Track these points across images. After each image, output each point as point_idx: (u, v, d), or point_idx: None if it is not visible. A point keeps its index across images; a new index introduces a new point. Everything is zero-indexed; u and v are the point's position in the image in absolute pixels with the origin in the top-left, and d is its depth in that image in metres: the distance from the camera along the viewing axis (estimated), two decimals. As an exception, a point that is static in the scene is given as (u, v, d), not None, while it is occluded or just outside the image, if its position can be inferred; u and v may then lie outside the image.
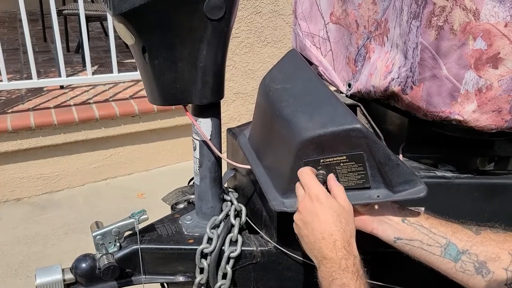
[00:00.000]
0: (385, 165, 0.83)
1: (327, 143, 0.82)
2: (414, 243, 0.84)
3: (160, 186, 2.03)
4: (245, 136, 1.09)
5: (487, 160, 1.02)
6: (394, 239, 0.86)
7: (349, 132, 0.81)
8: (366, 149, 0.82)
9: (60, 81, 3.07)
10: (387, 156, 0.83)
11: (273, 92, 0.95)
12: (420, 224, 0.84)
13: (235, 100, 3.42)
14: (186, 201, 1.21)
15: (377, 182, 0.85)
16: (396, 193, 0.85)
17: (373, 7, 1.04)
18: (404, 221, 0.85)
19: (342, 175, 0.85)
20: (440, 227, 0.83)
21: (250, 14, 3.28)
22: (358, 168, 0.84)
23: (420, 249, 0.83)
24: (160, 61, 0.90)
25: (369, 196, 0.86)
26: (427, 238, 0.83)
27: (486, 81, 0.85)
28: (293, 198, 0.87)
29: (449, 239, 0.82)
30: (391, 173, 0.84)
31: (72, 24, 4.67)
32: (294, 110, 0.88)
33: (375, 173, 0.84)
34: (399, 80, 0.95)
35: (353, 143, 0.82)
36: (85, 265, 0.98)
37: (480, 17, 0.81)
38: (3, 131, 2.69)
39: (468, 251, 0.80)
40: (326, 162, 0.84)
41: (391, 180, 0.84)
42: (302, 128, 0.83)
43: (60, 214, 2.75)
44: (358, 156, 0.83)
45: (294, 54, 1.04)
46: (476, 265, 0.79)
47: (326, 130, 0.81)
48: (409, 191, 0.85)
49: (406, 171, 0.84)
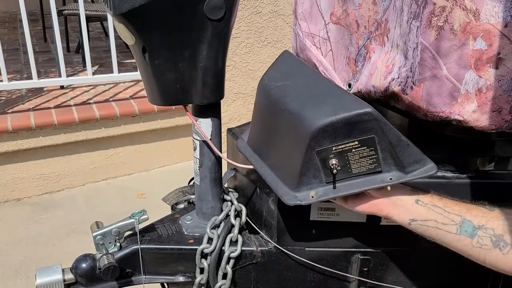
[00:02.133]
0: (396, 146, 0.84)
1: (340, 130, 0.83)
2: (429, 223, 0.84)
3: (160, 186, 2.03)
4: (243, 140, 1.09)
5: (487, 160, 1.02)
6: (409, 221, 0.86)
7: (361, 116, 0.82)
8: (378, 132, 0.83)
9: (60, 81, 3.07)
10: (397, 137, 0.84)
11: (275, 90, 0.95)
12: (434, 204, 0.85)
13: (235, 100, 3.42)
14: (186, 201, 1.21)
15: (388, 165, 0.86)
16: (408, 173, 0.86)
17: (374, 7, 1.04)
18: (418, 202, 0.86)
19: (354, 162, 0.86)
20: (454, 206, 0.84)
21: (250, 14, 3.28)
22: (370, 153, 0.85)
23: (436, 229, 0.84)
24: (160, 61, 0.90)
25: (382, 179, 0.87)
26: (441, 217, 0.83)
27: (486, 81, 0.85)
28: (305, 191, 0.88)
29: (464, 216, 0.82)
30: (402, 154, 0.85)
31: (72, 24, 4.67)
32: (300, 103, 0.88)
33: (386, 156, 0.85)
34: (399, 80, 0.95)
35: (365, 127, 0.83)
36: (85, 265, 0.98)
37: (480, 17, 0.81)
38: (4, 131, 2.69)
39: (484, 226, 0.80)
40: (339, 150, 0.84)
41: (402, 161, 0.85)
42: (312, 118, 0.84)
43: (60, 214, 2.75)
44: (369, 140, 0.84)
45: (287, 54, 1.05)
46: (493, 239, 0.79)
47: (338, 116, 0.82)
48: (420, 170, 0.86)
49: (416, 151, 0.86)
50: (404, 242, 0.97)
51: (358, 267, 1.03)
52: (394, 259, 1.04)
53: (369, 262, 1.03)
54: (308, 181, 0.88)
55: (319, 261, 1.02)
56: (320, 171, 0.87)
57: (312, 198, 0.88)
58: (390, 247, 1.02)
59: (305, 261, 1.02)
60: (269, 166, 0.97)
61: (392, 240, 1.00)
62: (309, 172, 0.87)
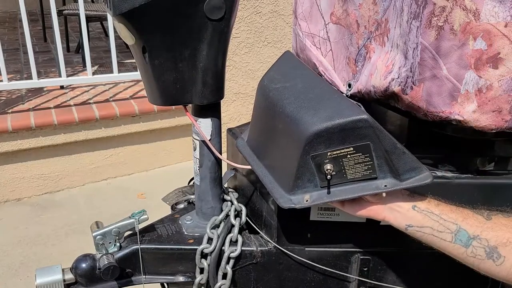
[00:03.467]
0: (391, 154, 0.84)
1: (335, 136, 0.82)
2: (425, 229, 0.85)
3: (160, 186, 2.03)
4: (243, 140, 1.09)
5: (487, 160, 1.02)
6: (405, 227, 0.86)
7: (356, 122, 0.82)
8: (373, 139, 0.83)
9: (60, 81, 3.07)
10: (393, 145, 0.84)
11: (273, 92, 0.95)
12: (430, 211, 0.85)
13: (235, 100, 3.42)
14: (186, 201, 1.21)
15: (383, 172, 0.86)
16: (403, 181, 0.86)
17: (374, 7, 1.04)
18: (414, 208, 0.86)
19: (349, 167, 0.86)
20: (451, 213, 0.84)
21: (250, 14, 3.28)
22: (365, 159, 0.85)
23: (431, 236, 0.84)
24: (160, 61, 0.90)
25: (377, 186, 0.86)
26: (437, 225, 0.83)
27: (486, 81, 0.85)
28: (300, 194, 0.88)
29: (459, 225, 0.82)
30: (397, 161, 0.85)
31: (72, 24, 4.67)
32: (297, 107, 0.88)
33: (381, 163, 0.85)
34: (399, 80, 0.95)
35: (360, 133, 0.82)
36: (85, 265, 0.98)
37: (480, 17, 0.81)
38: (4, 131, 2.69)
39: (479, 237, 0.80)
40: (334, 155, 0.84)
41: (397, 169, 0.85)
42: (308, 122, 0.84)
43: (60, 214, 2.75)
44: (365, 146, 0.84)
45: (289, 55, 1.05)
46: (487, 250, 0.79)
47: (333, 122, 0.82)
48: (415, 178, 0.86)
49: (412, 159, 0.85)
50: (404, 242, 0.97)
51: (358, 267, 1.03)
52: (394, 259, 1.04)
53: (369, 262, 1.03)
54: (303, 185, 0.88)
55: (319, 261, 1.02)
56: (315, 176, 0.87)
57: (306, 202, 0.88)
58: (390, 247, 1.02)
59: (305, 261, 1.02)
60: (266, 167, 0.97)
61: (392, 240, 1.00)
62: (304, 176, 0.86)
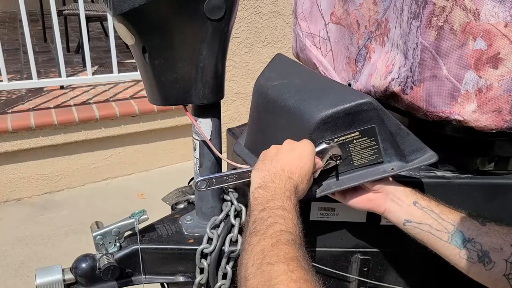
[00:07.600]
0: (396, 135, 0.85)
1: (340, 121, 0.83)
2: (423, 226, 0.85)
3: (160, 186, 2.03)
4: (240, 144, 1.10)
5: (487, 160, 1.02)
6: (404, 221, 0.87)
7: (361, 106, 0.83)
8: (378, 121, 0.84)
9: (60, 81, 3.07)
10: (397, 126, 0.85)
11: (272, 89, 0.95)
12: (430, 209, 0.86)
13: (235, 100, 3.42)
14: (186, 201, 1.21)
15: (389, 155, 0.87)
16: (408, 162, 0.87)
17: (374, 7, 1.04)
18: (415, 204, 0.87)
19: (356, 153, 0.86)
20: (449, 214, 0.85)
21: (250, 14, 3.28)
22: (370, 143, 0.86)
23: (428, 234, 0.85)
24: (160, 61, 0.90)
25: (384, 170, 0.87)
26: (436, 223, 0.84)
27: (486, 81, 0.85)
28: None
29: (457, 227, 0.83)
30: (402, 143, 0.86)
31: (72, 24, 4.67)
32: (299, 99, 0.89)
33: (387, 146, 0.86)
34: (399, 80, 0.95)
35: (365, 117, 0.83)
36: (85, 265, 0.98)
37: (480, 17, 0.81)
38: (3, 131, 2.69)
39: (474, 240, 0.81)
40: (340, 141, 0.85)
41: (403, 150, 0.86)
42: (313, 111, 0.84)
43: (60, 214, 2.75)
44: (370, 130, 0.85)
45: (281, 56, 1.07)
46: (480, 254, 0.80)
47: (338, 108, 0.83)
48: (421, 158, 0.87)
49: (416, 139, 0.86)
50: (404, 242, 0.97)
51: (358, 267, 1.03)
52: (394, 259, 1.04)
53: (369, 262, 1.03)
54: None
55: (319, 261, 1.02)
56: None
57: (315, 193, 0.88)
58: (390, 247, 1.02)
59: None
60: None
61: (392, 240, 1.00)
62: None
